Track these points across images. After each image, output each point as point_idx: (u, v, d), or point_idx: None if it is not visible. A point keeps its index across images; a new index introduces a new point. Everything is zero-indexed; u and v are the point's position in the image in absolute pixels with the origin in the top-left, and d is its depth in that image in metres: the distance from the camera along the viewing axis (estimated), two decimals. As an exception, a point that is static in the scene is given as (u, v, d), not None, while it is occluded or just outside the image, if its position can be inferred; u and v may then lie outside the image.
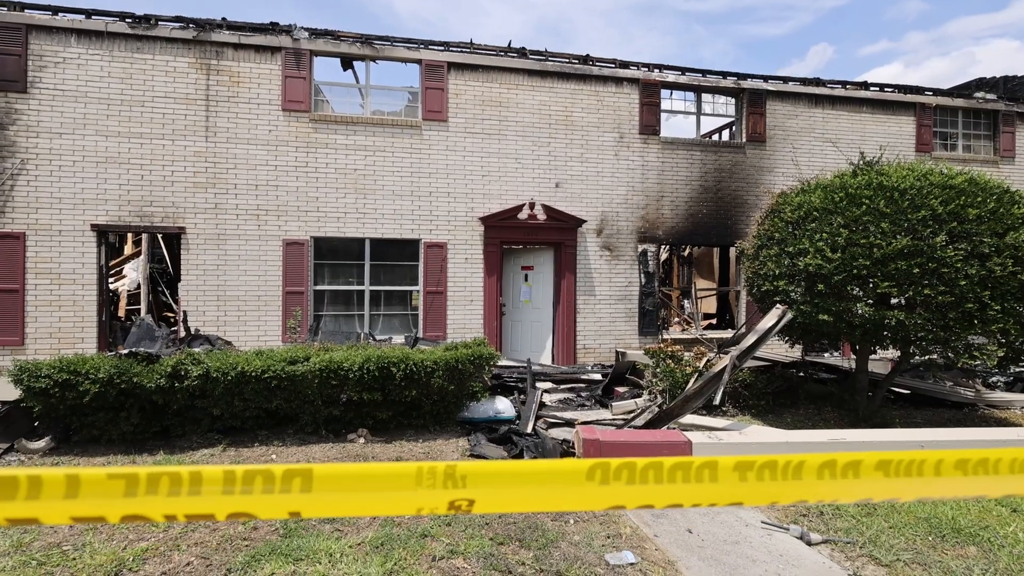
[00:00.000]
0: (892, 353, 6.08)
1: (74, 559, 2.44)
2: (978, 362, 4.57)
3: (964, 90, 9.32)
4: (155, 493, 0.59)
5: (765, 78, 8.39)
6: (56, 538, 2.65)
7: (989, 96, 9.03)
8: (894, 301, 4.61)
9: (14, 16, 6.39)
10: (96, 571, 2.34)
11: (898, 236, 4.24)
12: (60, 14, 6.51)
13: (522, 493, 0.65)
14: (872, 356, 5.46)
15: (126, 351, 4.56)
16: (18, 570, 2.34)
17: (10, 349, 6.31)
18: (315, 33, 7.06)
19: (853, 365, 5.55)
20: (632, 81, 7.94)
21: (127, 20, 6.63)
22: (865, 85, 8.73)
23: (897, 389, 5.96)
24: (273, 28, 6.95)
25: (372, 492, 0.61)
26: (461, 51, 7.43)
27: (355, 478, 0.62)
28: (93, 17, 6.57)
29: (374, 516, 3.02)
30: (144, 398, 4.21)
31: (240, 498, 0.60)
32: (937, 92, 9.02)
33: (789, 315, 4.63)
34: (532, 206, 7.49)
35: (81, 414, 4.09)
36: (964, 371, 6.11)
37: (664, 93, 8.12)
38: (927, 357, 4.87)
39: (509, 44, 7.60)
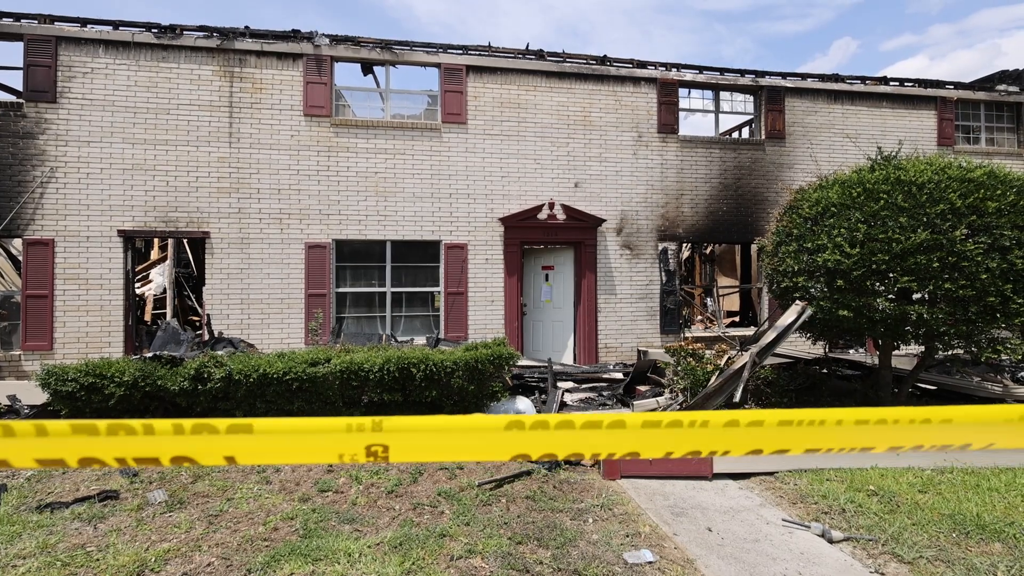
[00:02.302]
0: (916, 348, 6.35)
1: (97, 560, 2.55)
2: (1004, 356, 4.83)
3: (986, 83, 9.64)
4: (113, 439, 0.68)
5: (783, 75, 8.76)
6: (80, 539, 2.78)
7: (1012, 88, 9.34)
8: (916, 296, 4.75)
9: (44, 29, 6.92)
10: (119, 572, 2.44)
11: (917, 230, 4.43)
12: (89, 26, 7.04)
13: (436, 442, 0.73)
14: (896, 352, 5.71)
15: (151, 354, 4.95)
16: (43, 571, 2.44)
17: (39, 354, 6.77)
18: (336, 39, 7.55)
19: (877, 361, 5.83)
20: (650, 81, 8.34)
21: (153, 30, 7.14)
22: (885, 80, 9.07)
23: (923, 385, 6.22)
24: (295, 35, 7.44)
25: (299, 436, 0.70)
26: (479, 54, 7.87)
27: (290, 432, 0.70)
28: (120, 28, 7.09)
29: (302, 463, 3.27)
30: (168, 401, 4.52)
31: (184, 443, 0.68)
32: (958, 86, 9.34)
33: (809, 311, 4.93)
34: (551, 206, 7.89)
35: (107, 417, 4.34)
36: (991, 366, 6.38)
37: (682, 92, 8.51)
38: (951, 352, 5.10)
39: (527, 46, 8.04)
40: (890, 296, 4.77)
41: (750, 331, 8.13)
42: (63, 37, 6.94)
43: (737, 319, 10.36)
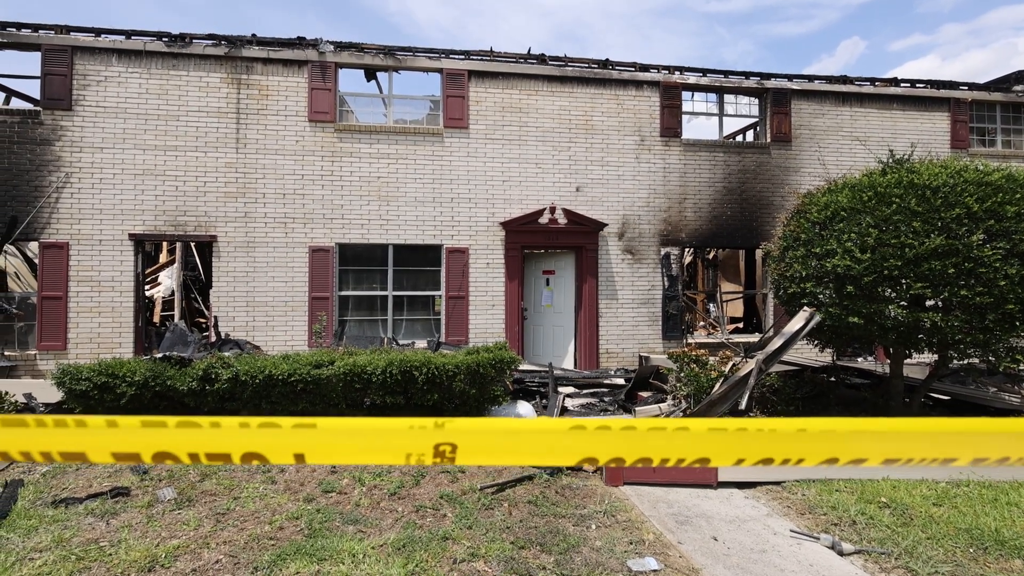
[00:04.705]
0: (929, 357, 6.00)
1: (110, 555, 2.56)
2: (1023, 367, 4.51)
3: (1002, 83, 9.15)
4: (182, 432, 0.67)
5: (789, 77, 8.42)
6: (93, 534, 2.81)
7: (1029, 89, 8.85)
8: (929, 303, 4.55)
9: (61, 39, 6.94)
10: (131, 567, 2.45)
11: (931, 235, 4.20)
12: (103, 35, 7.04)
13: (503, 443, 0.70)
14: (908, 360, 5.40)
15: (160, 355, 4.89)
16: (59, 564, 2.46)
17: (54, 353, 6.76)
18: (340, 46, 7.44)
19: (887, 370, 5.51)
20: (652, 84, 8.08)
21: (164, 39, 7.12)
22: (895, 81, 8.66)
23: (936, 395, 5.87)
24: (300, 43, 7.36)
25: (367, 436, 0.69)
26: (481, 59, 7.70)
27: (354, 431, 0.70)
28: (133, 37, 7.07)
29: (371, 463, 3.22)
30: (177, 400, 4.48)
31: (254, 439, 0.67)
32: (973, 86, 8.88)
33: (817, 318, 4.66)
34: (553, 210, 7.67)
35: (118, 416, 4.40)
36: (1008, 375, 5.98)
37: (685, 95, 8.23)
38: (966, 361, 4.81)
39: (528, 51, 7.85)
40: (902, 303, 4.49)
41: (754, 337, 7.80)
42: (78, 47, 6.95)
43: (741, 325, 9.99)
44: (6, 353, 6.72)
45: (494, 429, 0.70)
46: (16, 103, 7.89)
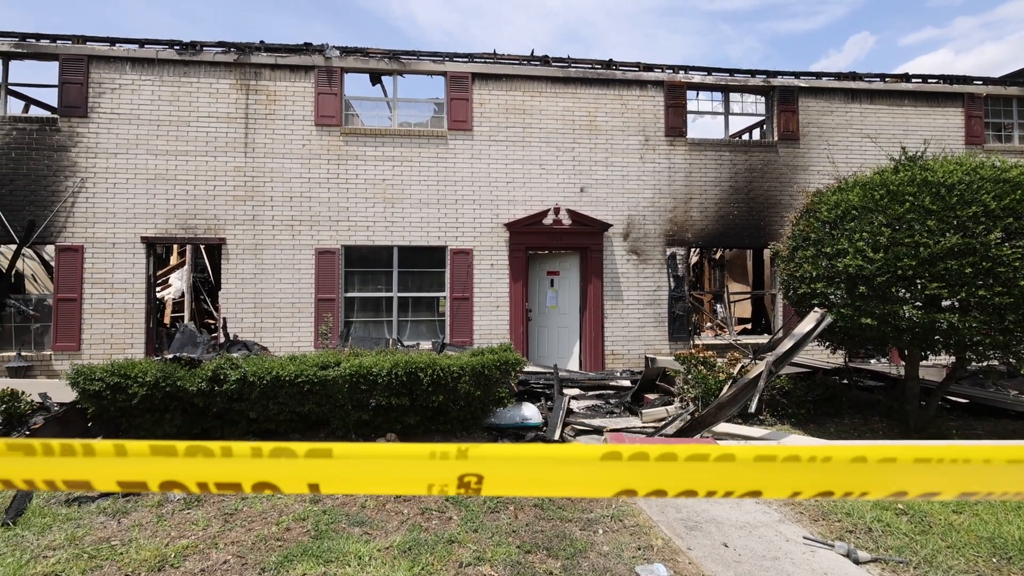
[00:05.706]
0: (946, 359, 5.75)
1: (121, 553, 2.58)
2: (1045, 369, 4.28)
3: (1019, 77, 8.80)
4: (191, 462, 0.63)
5: (796, 74, 8.21)
6: (105, 533, 2.82)
7: (1048, 83, 8.50)
8: (945, 303, 4.37)
9: (77, 48, 7.03)
10: (141, 565, 2.46)
11: (947, 234, 4.03)
12: (117, 44, 7.12)
13: (533, 474, 0.64)
14: (923, 362, 5.19)
15: (171, 356, 4.86)
16: (72, 562, 2.49)
17: (68, 354, 6.82)
18: (345, 51, 7.43)
19: (902, 372, 5.28)
20: (656, 83, 7.92)
21: (175, 47, 7.17)
22: (906, 77, 8.39)
23: (953, 398, 5.62)
24: (306, 48, 7.36)
25: (384, 463, 0.64)
26: (485, 62, 7.63)
27: (371, 458, 0.64)
28: (146, 46, 7.14)
29: (389, 494, 3.09)
30: (187, 401, 4.44)
31: (265, 468, 0.63)
32: (987, 81, 8.56)
33: (828, 319, 4.48)
34: (557, 211, 7.55)
35: (130, 415, 4.33)
36: (1029, 379, 5.71)
37: (690, 94, 8.06)
38: (985, 363, 4.60)
39: (532, 52, 7.75)
40: (917, 303, 4.29)
41: (763, 339, 7.58)
42: (94, 56, 7.03)
43: (749, 326, 9.75)
44: (23, 353, 6.80)
45: (522, 457, 0.64)
46: (34, 111, 8.03)
